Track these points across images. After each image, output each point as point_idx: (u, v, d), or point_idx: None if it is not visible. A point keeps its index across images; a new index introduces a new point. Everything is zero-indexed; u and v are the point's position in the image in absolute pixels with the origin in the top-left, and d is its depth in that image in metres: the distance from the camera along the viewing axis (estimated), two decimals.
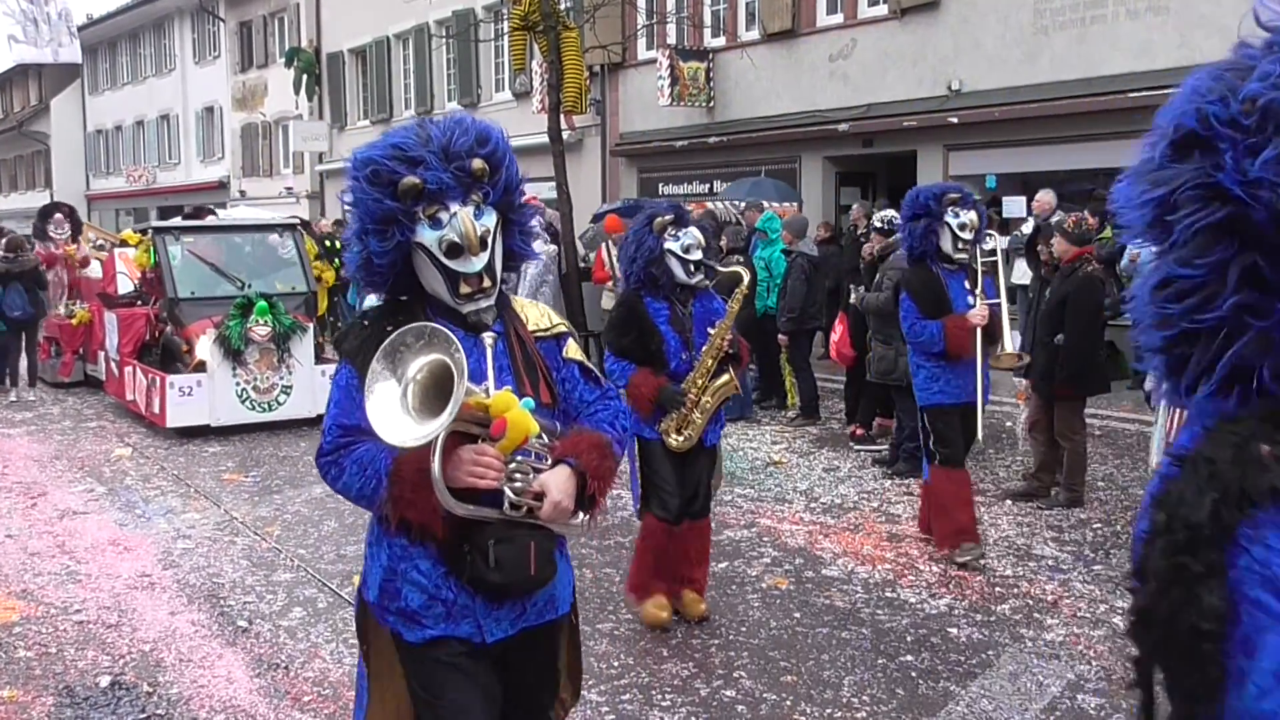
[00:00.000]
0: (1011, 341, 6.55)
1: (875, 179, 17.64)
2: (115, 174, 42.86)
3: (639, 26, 19.22)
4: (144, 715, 4.54)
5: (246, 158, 34.47)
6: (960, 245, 6.22)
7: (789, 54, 17.19)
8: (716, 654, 5.13)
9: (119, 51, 41.99)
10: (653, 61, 18.68)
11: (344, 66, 29.33)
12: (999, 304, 6.42)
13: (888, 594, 5.94)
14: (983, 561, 6.34)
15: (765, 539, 6.96)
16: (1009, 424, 10.26)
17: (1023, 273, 12.24)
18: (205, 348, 10.57)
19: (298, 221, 13.26)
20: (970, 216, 6.22)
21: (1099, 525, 7.10)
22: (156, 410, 10.60)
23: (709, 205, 17.98)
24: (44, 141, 45.24)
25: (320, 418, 11.87)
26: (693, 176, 18.96)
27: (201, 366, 10.56)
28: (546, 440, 2.49)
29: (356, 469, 2.47)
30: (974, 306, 6.23)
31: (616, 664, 5.02)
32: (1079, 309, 7.42)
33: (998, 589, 5.97)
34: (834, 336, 10.41)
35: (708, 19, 18.48)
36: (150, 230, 11.89)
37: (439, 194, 2.45)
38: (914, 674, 4.90)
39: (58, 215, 14.51)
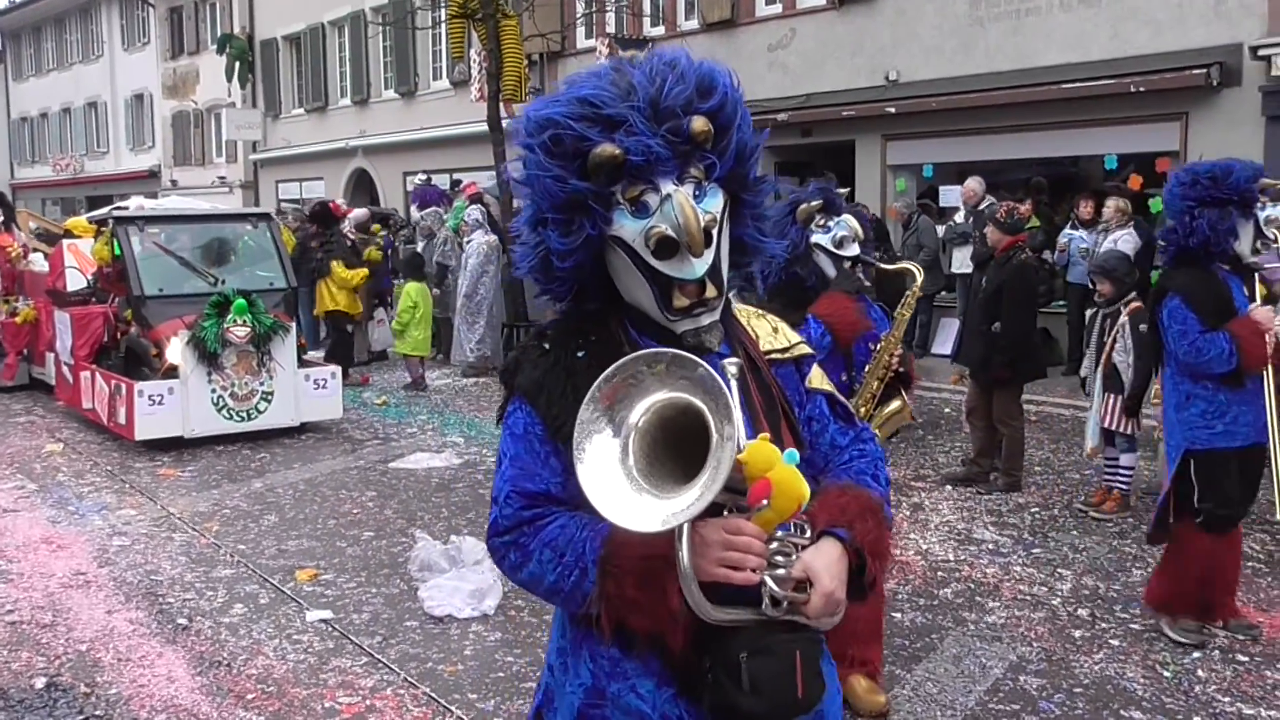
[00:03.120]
0: None
1: (814, 168, 17.73)
2: (41, 163, 41.83)
3: (578, 15, 19.14)
4: (81, 717, 4.44)
5: (178, 146, 33.82)
6: (1260, 245, 4.94)
7: (728, 43, 17.22)
8: None
9: (44, 37, 40.94)
10: (592, 50, 18.60)
11: (278, 54, 28.86)
12: None
13: None
14: (1201, 637, 5.05)
15: None
16: (947, 410, 10.41)
17: (962, 262, 12.41)
18: (177, 351, 9.51)
19: (273, 211, 12.45)
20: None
21: (1037, 509, 7.22)
22: (122, 421, 9.52)
23: None
24: None
25: (304, 427, 11.06)
26: None
27: (173, 372, 9.53)
28: None
29: (549, 556, 1.79)
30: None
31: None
32: (1014, 297, 7.53)
33: (939, 573, 6.05)
34: None
35: (647, 8, 18.44)
36: (111, 220, 10.71)
37: (646, 168, 1.79)
38: None
39: None
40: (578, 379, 1.79)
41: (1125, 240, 10.31)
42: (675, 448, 1.65)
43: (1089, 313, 9.50)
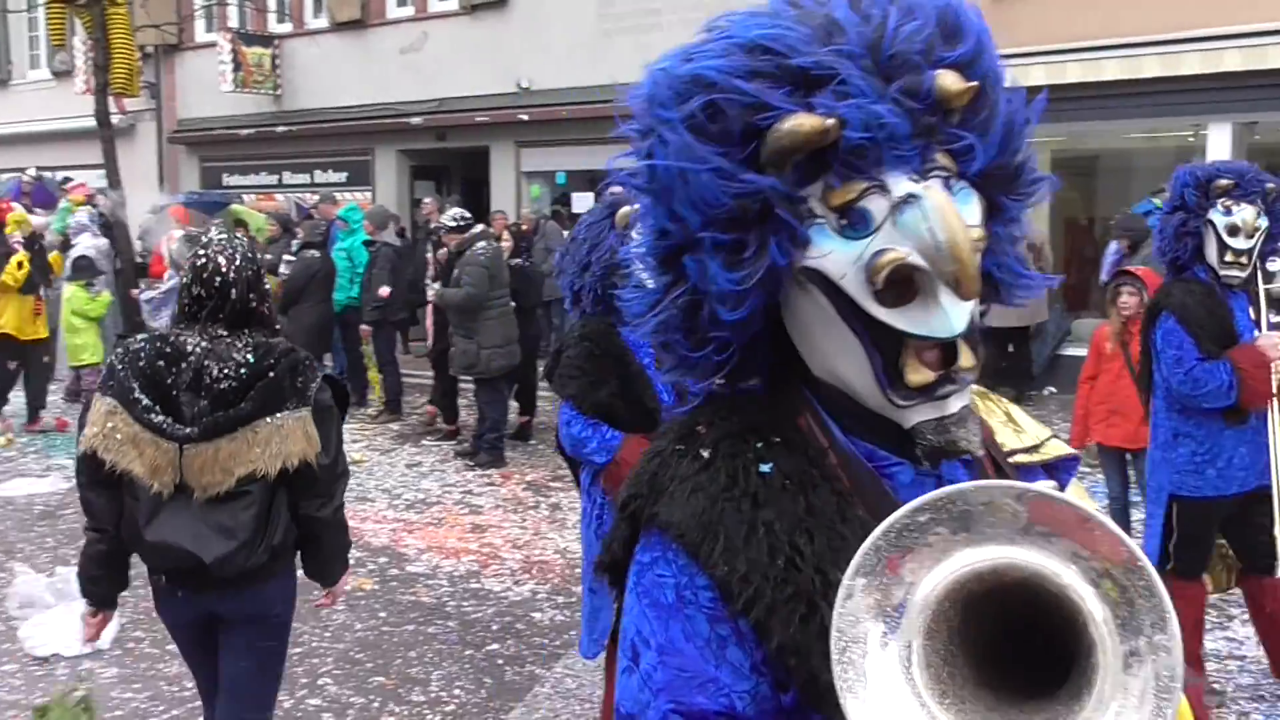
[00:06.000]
0: None
1: (449, 173, 17.75)
2: None
3: (196, 7, 18.09)
4: None
5: None
6: (1229, 258, 4.09)
7: (359, 44, 16.89)
8: (300, 663, 4.95)
9: None
10: (213, 45, 17.66)
11: None
12: None
13: (473, 585, 6.02)
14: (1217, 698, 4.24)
15: None
16: None
17: None
18: None
19: None
20: (1245, 215, 4.09)
21: None
22: None
23: (278, 199, 17.36)
24: None
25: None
26: (260, 167, 18.16)
27: None
28: None
29: None
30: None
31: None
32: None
33: (578, 570, 6.22)
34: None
35: (272, 4, 17.68)
36: None
37: (868, 153, 1.08)
38: (500, 661, 5.01)
39: None
40: (768, 511, 1.11)
41: None
42: (977, 657, 0.98)
43: None
